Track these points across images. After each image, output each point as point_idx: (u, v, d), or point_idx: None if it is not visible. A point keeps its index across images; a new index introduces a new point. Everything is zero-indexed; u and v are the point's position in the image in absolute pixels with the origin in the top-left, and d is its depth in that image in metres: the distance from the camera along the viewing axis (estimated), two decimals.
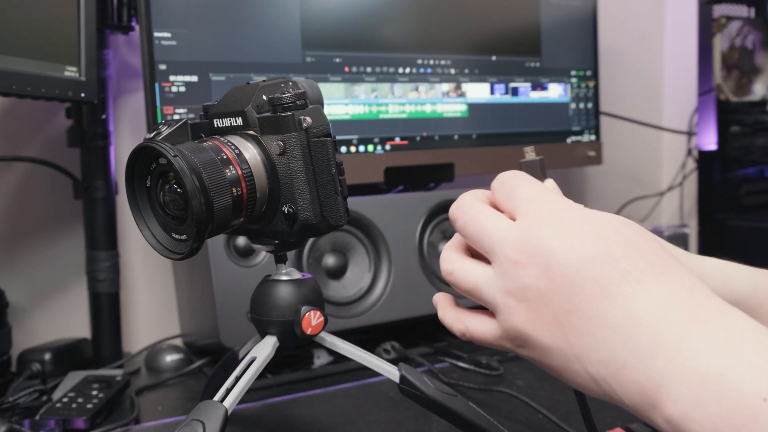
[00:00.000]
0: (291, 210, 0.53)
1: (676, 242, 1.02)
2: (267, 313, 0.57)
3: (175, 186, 0.49)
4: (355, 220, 0.88)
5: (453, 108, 1.03)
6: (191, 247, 0.49)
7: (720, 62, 1.24)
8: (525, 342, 0.38)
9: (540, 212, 0.38)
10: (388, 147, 0.98)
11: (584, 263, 0.35)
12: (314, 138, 0.53)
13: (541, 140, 1.11)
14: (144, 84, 0.83)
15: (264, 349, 0.56)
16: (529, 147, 0.44)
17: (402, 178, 0.99)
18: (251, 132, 0.54)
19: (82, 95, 0.78)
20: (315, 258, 0.86)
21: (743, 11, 1.29)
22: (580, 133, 1.16)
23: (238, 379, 0.53)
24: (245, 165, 0.52)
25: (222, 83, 0.86)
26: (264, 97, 0.53)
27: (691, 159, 1.41)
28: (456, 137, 1.03)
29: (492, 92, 1.07)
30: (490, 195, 0.42)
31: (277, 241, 0.57)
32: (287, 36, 0.90)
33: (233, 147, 0.52)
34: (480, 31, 1.05)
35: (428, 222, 0.93)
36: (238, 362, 0.55)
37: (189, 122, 0.53)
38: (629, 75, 1.44)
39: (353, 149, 0.95)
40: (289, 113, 0.52)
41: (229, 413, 0.50)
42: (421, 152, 1.00)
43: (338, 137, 0.91)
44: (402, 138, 0.99)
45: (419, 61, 1.00)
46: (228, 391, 0.51)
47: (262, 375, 0.81)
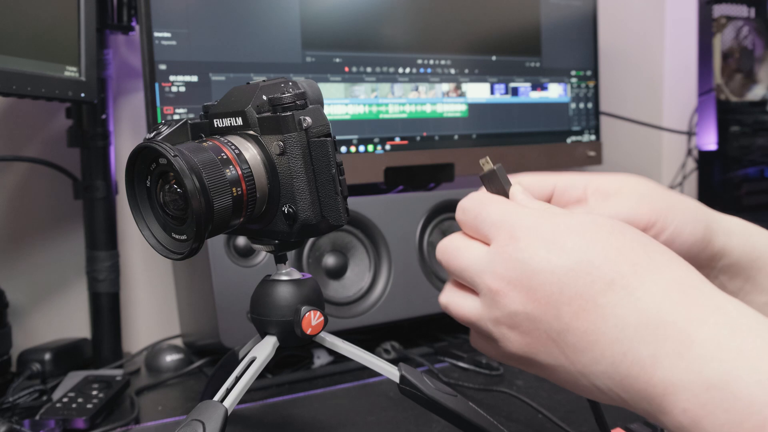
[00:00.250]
0: (291, 210, 0.53)
1: None
2: (267, 313, 0.57)
3: (175, 186, 0.49)
4: (355, 220, 0.88)
5: (453, 108, 1.03)
6: (191, 247, 0.49)
7: (720, 62, 1.24)
8: (529, 364, 0.38)
9: (510, 233, 0.37)
10: (388, 147, 0.98)
11: (565, 279, 0.34)
12: (314, 138, 0.53)
13: (541, 140, 1.11)
14: (144, 84, 0.83)
15: (264, 349, 0.56)
16: (483, 158, 0.42)
17: (402, 178, 0.99)
18: (251, 132, 0.54)
19: (82, 95, 0.78)
20: (315, 258, 0.86)
21: (743, 11, 1.29)
22: (580, 133, 1.16)
23: (238, 379, 0.53)
24: (245, 165, 0.52)
25: (222, 83, 0.86)
26: (264, 97, 0.53)
27: (691, 159, 1.41)
28: (456, 137, 1.03)
29: (492, 92, 1.07)
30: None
31: (277, 241, 0.57)
32: (287, 36, 0.90)
33: (233, 147, 0.52)
34: (480, 31, 1.05)
35: (428, 222, 0.93)
36: (238, 362, 0.55)
37: (189, 122, 0.53)
38: (629, 75, 1.44)
39: (353, 149, 0.95)
40: (289, 113, 0.52)
41: (229, 413, 0.50)
42: (421, 152, 1.00)
43: (338, 137, 0.91)
44: (402, 138, 0.99)
45: (419, 61, 1.00)
46: (228, 391, 0.51)
47: (262, 375, 0.81)
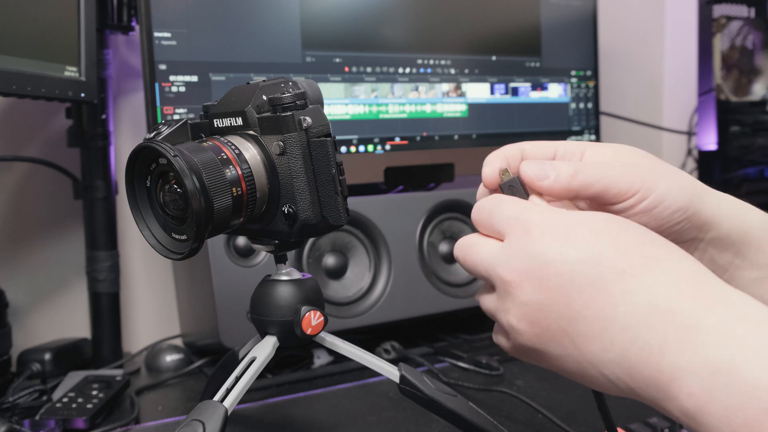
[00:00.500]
0: (291, 210, 0.53)
1: None
2: (267, 313, 0.57)
3: (175, 186, 0.49)
4: (355, 220, 0.88)
5: (453, 108, 1.03)
6: (191, 247, 0.49)
7: (720, 62, 1.24)
8: (537, 357, 0.39)
9: (524, 226, 0.38)
10: (388, 147, 0.98)
11: (577, 268, 0.35)
12: (314, 138, 0.53)
13: (541, 140, 1.11)
14: (144, 84, 0.83)
15: (264, 349, 0.56)
16: (503, 169, 0.43)
17: (402, 178, 0.99)
18: (251, 132, 0.54)
19: (82, 95, 0.78)
20: (315, 258, 0.86)
21: (743, 11, 1.29)
22: (580, 133, 1.16)
23: (238, 379, 0.53)
24: (245, 165, 0.52)
25: (222, 83, 0.86)
26: (264, 97, 0.53)
27: (691, 159, 1.41)
28: (456, 137, 1.03)
29: (492, 92, 1.07)
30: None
31: (277, 241, 0.57)
32: (287, 36, 0.90)
33: (233, 147, 0.52)
34: (480, 31, 1.05)
35: (428, 222, 0.93)
36: (238, 362, 0.55)
37: (189, 122, 0.53)
38: (629, 75, 1.44)
39: (353, 149, 0.95)
40: (289, 113, 0.52)
41: (229, 413, 0.50)
42: (421, 152, 1.00)
43: (338, 137, 0.91)
44: (402, 138, 0.99)
45: (419, 61, 1.00)
46: (228, 391, 0.51)
47: (262, 375, 0.81)
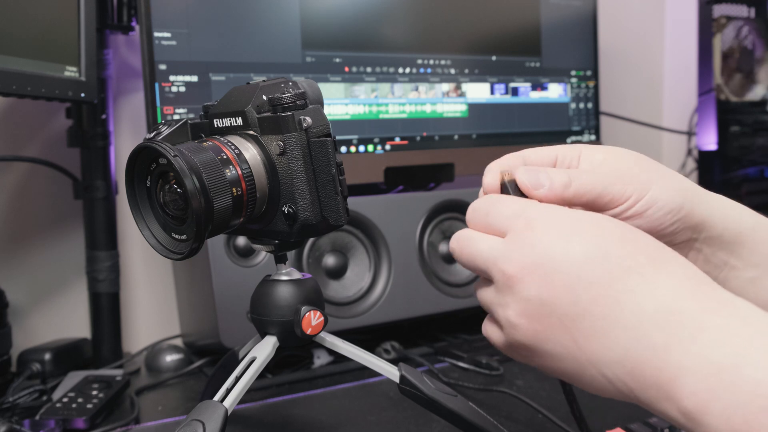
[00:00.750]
0: (291, 210, 0.53)
1: None
2: (267, 313, 0.57)
3: (175, 186, 0.49)
4: (355, 220, 0.88)
5: (453, 108, 1.03)
6: (191, 247, 0.49)
7: (720, 62, 1.24)
8: (530, 354, 0.38)
9: (528, 223, 0.37)
10: (388, 147, 0.98)
11: (584, 266, 0.35)
12: (314, 138, 0.53)
13: (541, 140, 1.11)
14: (144, 84, 0.83)
15: (264, 349, 0.56)
16: (505, 170, 0.43)
17: (402, 178, 0.99)
18: (251, 132, 0.54)
19: (82, 95, 0.78)
20: (315, 258, 0.86)
21: (743, 11, 1.29)
22: (580, 133, 1.16)
23: (238, 379, 0.53)
24: (245, 165, 0.52)
25: (222, 83, 0.86)
26: (264, 97, 0.53)
27: (691, 159, 1.41)
28: (456, 137, 1.03)
29: (492, 92, 1.07)
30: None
31: (277, 241, 0.57)
32: (287, 36, 0.90)
33: (233, 147, 0.52)
34: (480, 31, 1.05)
35: (428, 222, 0.93)
36: (238, 362, 0.55)
37: (189, 122, 0.53)
38: (629, 75, 1.44)
39: (353, 149, 0.95)
40: (289, 113, 0.52)
41: (229, 413, 0.50)
42: (421, 152, 1.00)
43: (338, 137, 0.91)
44: (402, 138, 0.99)
45: (419, 61, 1.00)
46: (228, 391, 0.51)
47: (262, 375, 0.81)
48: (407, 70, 0.99)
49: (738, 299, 0.33)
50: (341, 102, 0.94)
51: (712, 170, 1.28)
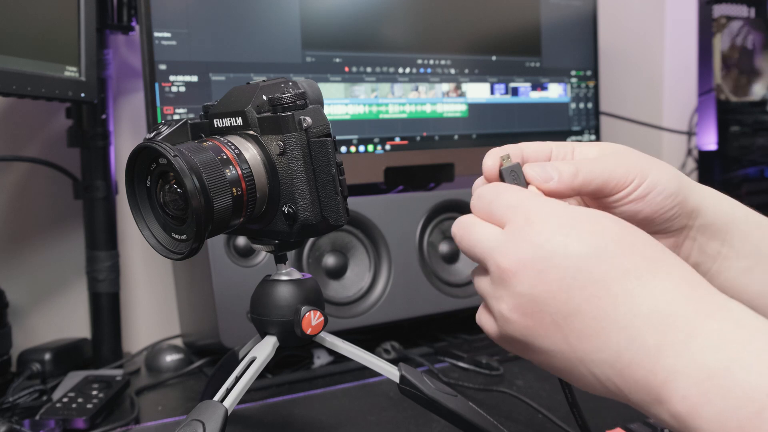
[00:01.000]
0: (291, 210, 0.53)
1: None
2: (267, 313, 0.57)
3: (175, 186, 0.49)
4: (355, 220, 0.88)
5: (453, 108, 1.03)
6: (191, 247, 0.49)
7: (720, 62, 1.24)
8: (523, 348, 0.38)
9: (526, 215, 0.37)
10: (388, 147, 0.98)
11: (581, 264, 0.34)
12: (314, 138, 0.53)
13: (541, 140, 1.11)
14: (144, 84, 0.83)
15: (264, 349, 0.56)
16: (504, 154, 0.43)
17: (402, 178, 0.99)
18: (251, 132, 0.54)
19: (82, 95, 0.78)
20: (315, 258, 0.86)
21: (743, 11, 1.29)
22: (580, 133, 1.16)
23: (238, 379, 0.53)
24: (245, 165, 0.52)
25: (222, 83, 0.86)
26: (264, 97, 0.53)
27: (691, 159, 1.41)
28: (456, 137, 1.03)
29: (492, 92, 1.07)
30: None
31: (277, 241, 0.57)
32: (287, 36, 0.90)
33: (233, 147, 0.52)
34: (480, 31, 1.05)
35: (428, 222, 0.93)
36: (238, 362, 0.55)
37: (189, 122, 0.53)
38: (629, 75, 1.44)
39: (353, 149, 0.95)
40: (289, 113, 0.52)
41: (229, 413, 0.50)
42: (421, 152, 1.00)
43: (338, 137, 0.91)
44: (402, 138, 0.99)
45: (419, 61, 1.00)
46: (228, 391, 0.51)
47: (262, 375, 0.81)
48: (407, 70, 0.99)
49: (732, 302, 0.33)
50: (341, 102, 0.94)
51: (712, 170, 1.28)
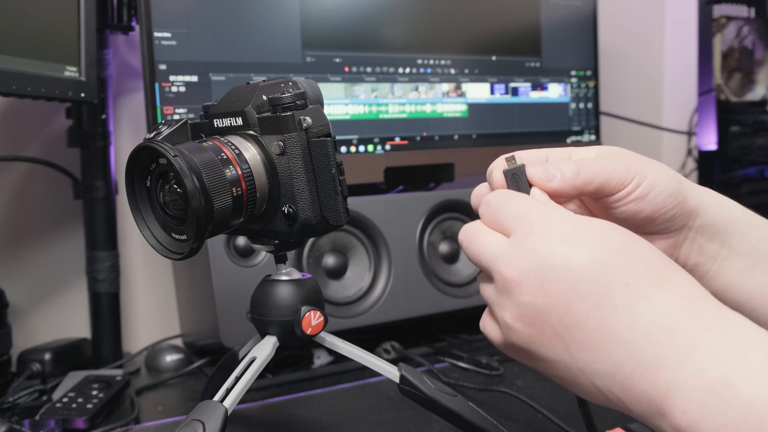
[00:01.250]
0: (291, 210, 0.53)
1: None
2: (267, 313, 0.57)
3: (175, 186, 0.49)
4: (355, 220, 0.88)
5: (453, 108, 1.03)
6: (191, 247, 0.49)
7: (720, 62, 1.24)
8: (528, 357, 0.38)
9: (531, 226, 0.37)
10: (388, 147, 0.98)
11: (582, 276, 0.35)
12: (314, 138, 0.53)
13: (541, 140, 1.11)
14: (144, 84, 0.83)
15: (264, 349, 0.56)
16: (509, 155, 0.43)
17: (402, 178, 0.99)
18: (251, 132, 0.54)
19: (82, 95, 0.78)
20: (315, 258, 0.86)
21: (743, 11, 1.29)
22: (580, 133, 1.16)
23: (238, 379, 0.53)
24: (245, 165, 0.52)
25: (222, 83, 0.86)
26: (264, 97, 0.53)
27: (691, 159, 1.41)
28: (456, 137, 1.03)
29: (492, 92, 1.07)
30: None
31: (277, 241, 0.57)
32: (287, 36, 0.90)
33: (233, 147, 0.52)
34: (480, 31, 1.05)
35: (428, 222, 0.93)
36: (238, 362, 0.55)
37: (189, 122, 0.54)
38: (629, 75, 1.44)
39: (353, 149, 0.95)
40: (289, 113, 0.52)
41: (229, 413, 0.50)
42: (421, 152, 1.00)
43: (338, 137, 0.91)
44: (402, 138, 0.99)
45: (419, 61, 1.00)
46: (228, 391, 0.52)
47: (262, 375, 0.81)
48: (407, 70, 0.99)
49: (734, 314, 0.33)
50: (341, 102, 0.94)
51: (712, 170, 1.28)
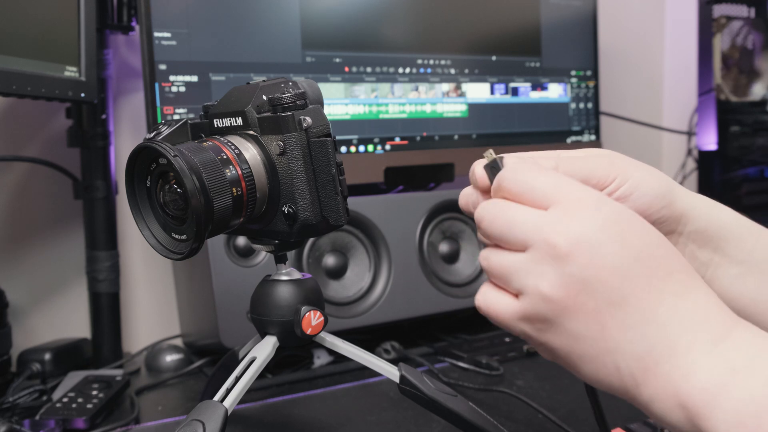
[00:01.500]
0: (291, 210, 0.53)
1: None
2: (267, 313, 0.57)
3: (175, 186, 0.49)
4: (355, 220, 0.88)
5: (453, 108, 1.03)
6: (191, 247, 0.49)
7: (720, 62, 1.24)
8: (546, 328, 0.36)
9: (575, 200, 0.36)
10: (388, 147, 0.98)
11: (636, 256, 0.35)
12: (314, 138, 0.53)
13: (541, 140, 1.11)
14: (144, 84, 0.83)
15: (264, 349, 0.56)
16: (487, 151, 0.41)
17: (402, 178, 0.99)
18: (251, 132, 0.54)
19: (82, 95, 0.78)
20: (315, 258, 0.86)
21: (743, 11, 1.29)
22: (580, 133, 1.16)
23: (238, 379, 0.53)
24: (245, 165, 0.52)
25: (222, 83, 0.86)
26: (264, 97, 0.53)
27: (691, 159, 1.41)
28: (456, 137, 1.03)
29: (492, 92, 1.07)
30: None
31: (277, 241, 0.57)
32: (287, 36, 0.90)
33: (233, 147, 0.52)
34: (480, 31, 1.05)
35: (428, 222, 0.93)
36: (238, 362, 0.55)
37: (189, 122, 0.54)
38: (629, 75, 1.44)
39: (353, 149, 0.95)
40: (289, 113, 0.52)
41: (229, 413, 0.50)
42: (421, 152, 1.00)
43: (338, 137, 0.91)
44: (402, 138, 0.99)
45: (419, 61, 1.00)
46: (228, 391, 0.52)
47: (262, 375, 0.81)
48: (407, 70, 0.99)
49: (746, 322, 0.35)
50: (341, 102, 0.94)
51: (712, 170, 1.28)
